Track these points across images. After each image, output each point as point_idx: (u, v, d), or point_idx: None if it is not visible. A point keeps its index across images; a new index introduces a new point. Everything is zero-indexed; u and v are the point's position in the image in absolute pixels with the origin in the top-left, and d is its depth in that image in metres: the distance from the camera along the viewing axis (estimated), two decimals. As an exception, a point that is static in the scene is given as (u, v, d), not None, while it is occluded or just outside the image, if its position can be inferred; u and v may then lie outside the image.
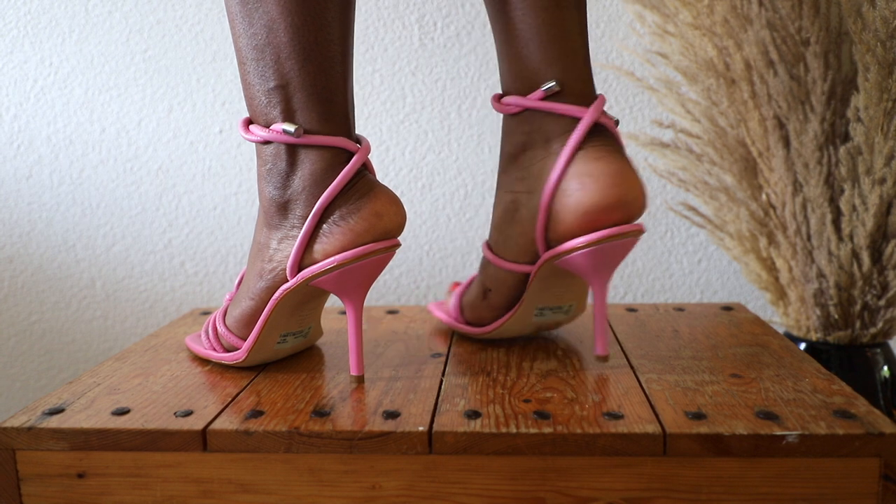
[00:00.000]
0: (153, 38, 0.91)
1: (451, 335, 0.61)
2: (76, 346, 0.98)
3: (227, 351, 0.53)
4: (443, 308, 0.63)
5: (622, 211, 0.46)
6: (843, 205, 0.68)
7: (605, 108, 0.89)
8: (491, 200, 0.92)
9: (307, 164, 0.47)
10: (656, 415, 0.42)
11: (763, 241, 0.74)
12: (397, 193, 0.92)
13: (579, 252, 0.47)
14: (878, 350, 0.72)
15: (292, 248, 0.48)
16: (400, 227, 0.48)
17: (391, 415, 0.44)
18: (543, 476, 0.41)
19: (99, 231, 0.95)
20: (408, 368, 0.53)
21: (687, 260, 0.91)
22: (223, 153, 0.93)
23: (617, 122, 0.50)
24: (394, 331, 0.63)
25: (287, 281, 0.49)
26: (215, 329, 0.54)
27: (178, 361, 0.56)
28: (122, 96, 0.92)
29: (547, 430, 0.41)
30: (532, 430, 0.41)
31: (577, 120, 0.48)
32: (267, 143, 0.48)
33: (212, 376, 0.52)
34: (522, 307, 0.54)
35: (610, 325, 0.62)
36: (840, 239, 0.69)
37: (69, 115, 0.93)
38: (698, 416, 0.42)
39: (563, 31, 0.48)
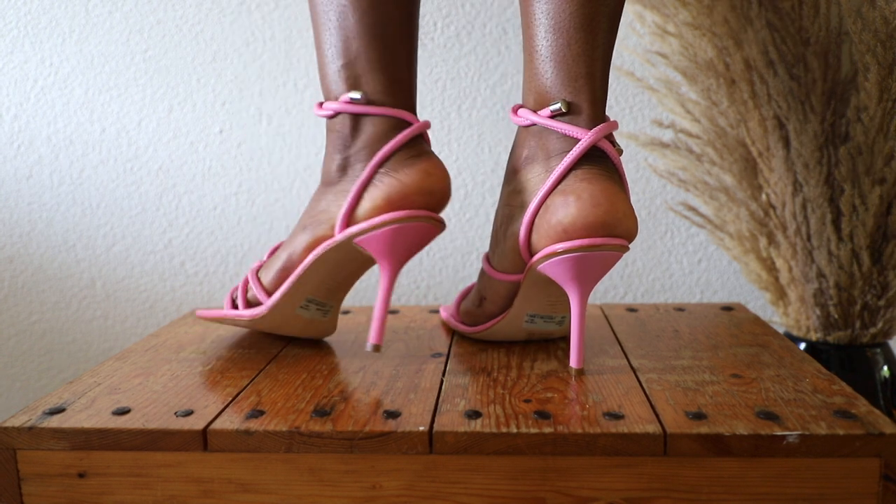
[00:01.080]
0: (153, 38, 0.91)
1: (452, 335, 0.61)
2: (76, 346, 0.98)
3: (250, 306, 0.55)
4: (449, 310, 0.64)
5: (603, 231, 0.46)
6: (843, 205, 0.68)
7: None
8: (491, 200, 0.92)
9: (368, 129, 0.51)
10: (657, 415, 0.43)
11: (763, 241, 0.74)
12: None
13: (557, 259, 0.48)
14: (878, 350, 0.72)
15: (344, 201, 0.51)
16: (446, 192, 0.51)
17: (392, 415, 0.44)
18: (544, 476, 0.41)
19: (99, 231, 0.95)
20: (408, 368, 0.53)
21: (687, 260, 0.91)
22: (223, 153, 0.93)
23: (620, 152, 0.50)
24: (394, 331, 0.63)
25: (331, 237, 0.51)
26: (246, 282, 0.56)
27: (179, 361, 0.56)
28: (122, 96, 0.92)
29: (547, 430, 0.41)
30: (532, 430, 0.41)
31: (577, 141, 0.48)
32: (335, 115, 0.52)
33: (212, 376, 0.52)
34: (512, 312, 0.55)
35: (610, 325, 0.62)
36: (840, 239, 0.69)
37: (69, 115, 0.93)
38: (699, 417, 0.42)
39: (581, 53, 0.48)
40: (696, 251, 0.91)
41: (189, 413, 0.45)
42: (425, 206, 0.51)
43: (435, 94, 0.90)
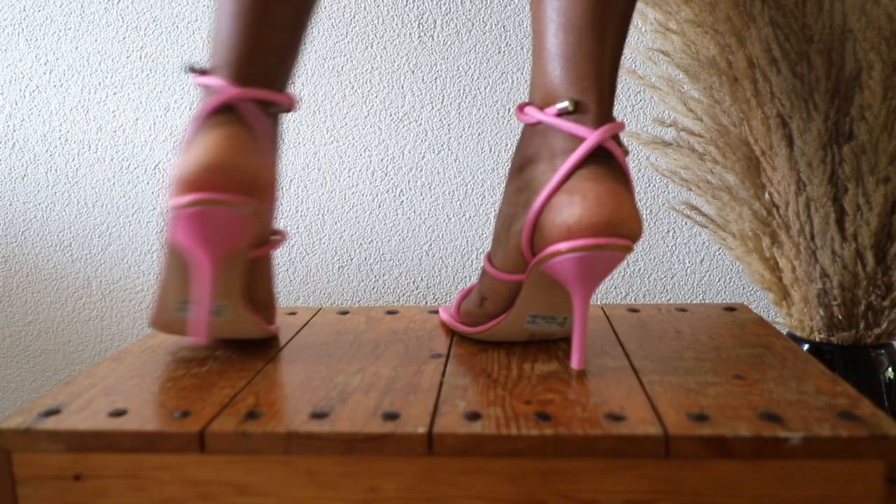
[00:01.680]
0: (149, 36, 0.90)
1: (452, 336, 0.61)
2: (72, 347, 0.97)
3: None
4: (448, 311, 0.64)
5: (607, 231, 0.46)
6: (847, 204, 0.67)
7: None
8: (491, 200, 0.91)
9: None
10: (658, 416, 0.42)
11: (766, 241, 0.74)
12: (397, 193, 0.92)
13: (561, 258, 0.47)
14: (883, 351, 0.72)
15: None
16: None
17: (391, 416, 0.43)
18: (544, 478, 0.41)
19: (95, 231, 0.95)
20: (408, 369, 0.52)
21: (689, 260, 0.91)
22: (221, 152, 0.92)
23: (627, 153, 0.49)
24: (394, 331, 0.62)
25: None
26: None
27: (176, 362, 0.55)
28: (118, 95, 0.92)
29: (548, 431, 0.40)
30: (533, 432, 0.40)
31: (583, 140, 0.48)
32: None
33: (210, 377, 0.52)
34: (514, 312, 0.54)
35: (612, 326, 0.62)
36: (844, 238, 0.69)
37: (65, 114, 0.92)
38: (701, 418, 0.41)
39: (591, 52, 0.48)
40: (698, 251, 0.90)
41: (186, 415, 0.44)
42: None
43: (434, 93, 0.89)
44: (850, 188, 0.67)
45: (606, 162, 0.48)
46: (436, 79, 0.89)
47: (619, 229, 0.46)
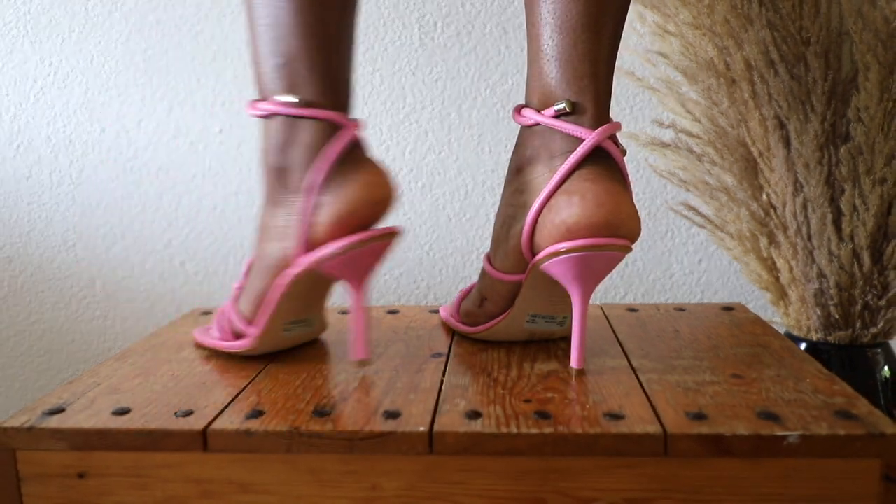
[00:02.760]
0: (153, 37, 0.91)
1: (452, 335, 0.61)
2: (76, 346, 0.98)
3: (237, 338, 0.54)
4: (448, 310, 0.64)
5: (606, 231, 0.46)
6: (844, 205, 0.68)
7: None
8: (491, 200, 0.92)
9: (305, 135, 0.49)
10: (657, 415, 0.42)
11: (764, 241, 0.74)
12: (397, 193, 0.92)
13: (559, 258, 0.47)
14: (879, 350, 0.72)
15: (297, 226, 0.49)
16: (391, 199, 0.50)
17: (392, 415, 0.44)
18: (544, 477, 0.41)
19: (99, 231, 0.95)
20: (408, 368, 0.52)
21: (687, 260, 0.91)
22: (223, 153, 0.93)
23: (624, 153, 0.50)
24: (394, 331, 0.63)
25: (290, 265, 0.50)
26: (229, 317, 0.55)
27: (179, 361, 0.56)
28: (121, 96, 0.92)
29: (548, 430, 0.41)
30: (533, 431, 0.41)
31: (581, 141, 0.48)
32: (270, 116, 0.50)
33: (212, 376, 0.52)
34: (514, 312, 0.55)
35: (611, 326, 0.62)
36: (841, 239, 0.69)
37: (69, 115, 0.93)
38: (699, 417, 0.42)
39: (587, 53, 0.48)
40: (696, 251, 0.91)
41: (189, 413, 0.45)
42: (373, 218, 0.49)
43: (435, 94, 0.90)
44: (846, 189, 0.67)
45: (605, 162, 0.48)
46: (436, 80, 0.90)
47: (618, 229, 0.46)
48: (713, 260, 0.91)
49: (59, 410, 0.46)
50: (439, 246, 0.93)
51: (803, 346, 0.74)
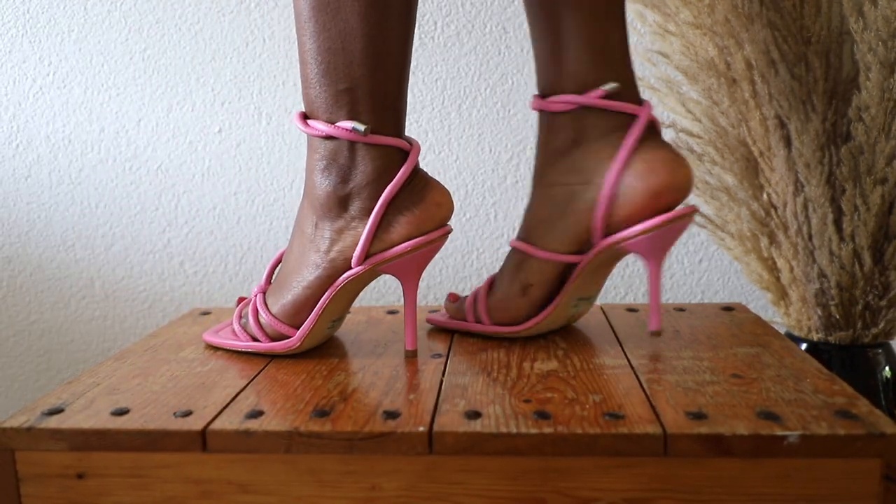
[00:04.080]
0: (152, 37, 0.91)
1: (452, 335, 0.61)
2: (75, 346, 0.98)
3: (273, 340, 0.55)
4: (445, 316, 0.62)
5: (681, 193, 0.52)
6: (845, 204, 0.68)
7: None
8: (491, 200, 0.91)
9: (368, 161, 0.52)
10: (657, 415, 0.42)
11: (764, 241, 0.74)
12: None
13: (645, 235, 0.52)
14: (880, 350, 0.72)
15: (359, 238, 0.52)
16: (451, 215, 0.55)
17: (391, 415, 0.44)
18: (544, 476, 0.41)
19: (98, 231, 0.95)
20: (408, 368, 0.52)
21: (688, 260, 0.91)
22: (222, 153, 0.93)
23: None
24: (394, 331, 0.63)
25: (348, 269, 0.53)
26: (255, 310, 0.56)
27: (178, 361, 0.56)
28: (121, 95, 0.92)
29: (547, 430, 0.41)
30: (532, 431, 0.41)
31: (631, 117, 0.53)
32: (328, 138, 0.52)
33: (211, 376, 0.52)
34: (566, 297, 0.56)
35: (611, 326, 0.62)
36: (841, 239, 0.69)
37: (68, 115, 0.93)
38: (699, 417, 0.42)
39: (621, 39, 0.54)
40: (696, 251, 0.91)
41: (188, 413, 0.45)
42: (441, 225, 0.54)
43: (435, 94, 0.90)
44: (847, 189, 0.67)
45: (655, 131, 0.54)
46: (436, 80, 0.90)
47: (687, 190, 0.52)
48: (714, 260, 0.91)
49: (59, 411, 0.46)
50: (439, 246, 0.93)
51: (804, 346, 0.74)
